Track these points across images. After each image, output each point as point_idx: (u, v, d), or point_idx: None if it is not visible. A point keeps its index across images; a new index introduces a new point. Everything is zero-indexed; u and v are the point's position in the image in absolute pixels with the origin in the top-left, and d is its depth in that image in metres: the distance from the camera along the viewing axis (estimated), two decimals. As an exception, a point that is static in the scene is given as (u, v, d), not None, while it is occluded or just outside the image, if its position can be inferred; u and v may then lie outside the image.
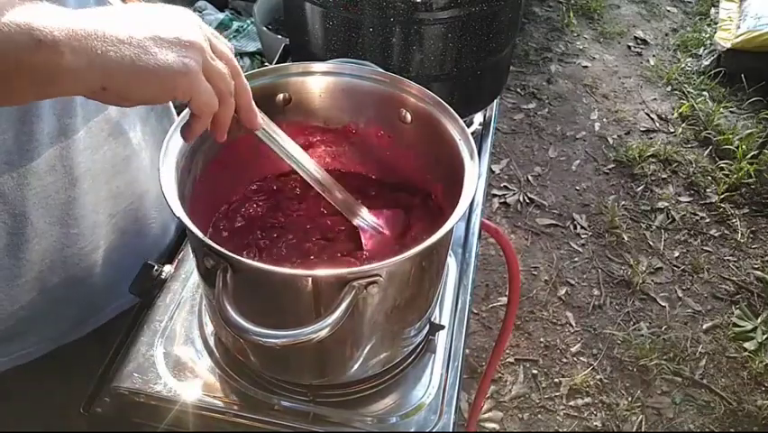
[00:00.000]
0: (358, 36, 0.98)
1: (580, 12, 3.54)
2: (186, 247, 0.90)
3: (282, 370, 0.75)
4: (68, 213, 0.76)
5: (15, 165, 0.68)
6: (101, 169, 0.78)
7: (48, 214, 0.74)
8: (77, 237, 0.78)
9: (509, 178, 2.58)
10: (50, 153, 0.71)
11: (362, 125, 0.82)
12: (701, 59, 3.22)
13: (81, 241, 0.79)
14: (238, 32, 2.76)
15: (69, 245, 0.78)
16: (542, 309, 2.12)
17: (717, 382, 1.95)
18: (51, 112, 0.69)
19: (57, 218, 0.75)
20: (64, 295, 0.81)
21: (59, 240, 0.76)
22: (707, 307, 2.16)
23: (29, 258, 0.74)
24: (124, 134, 0.81)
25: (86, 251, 0.80)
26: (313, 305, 0.61)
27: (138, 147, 0.83)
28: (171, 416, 0.74)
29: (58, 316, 0.83)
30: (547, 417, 1.85)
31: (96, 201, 0.79)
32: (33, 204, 0.72)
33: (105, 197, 0.81)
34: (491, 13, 0.98)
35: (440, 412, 0.74)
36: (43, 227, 0.74)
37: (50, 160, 0.71)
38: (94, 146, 0.76)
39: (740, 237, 2.38)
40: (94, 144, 0.76)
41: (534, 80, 3.07)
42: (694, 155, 2.71)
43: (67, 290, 0.81)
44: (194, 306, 0.83)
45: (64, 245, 0.77)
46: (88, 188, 0.77)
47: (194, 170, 0.72)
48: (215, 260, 0.59)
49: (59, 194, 0.74)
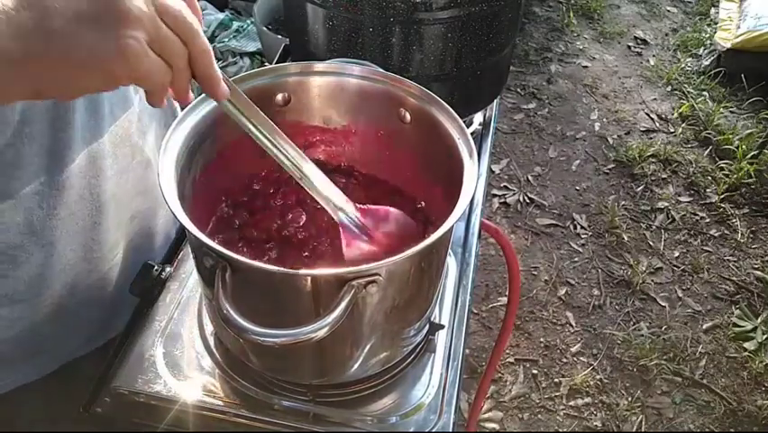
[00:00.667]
0: (358, 36, 0.98)
1: (580, 12, 3.54)
2: (186, 247, 0.90)
3: (282, 370, 0.75)
4: (93, 238, 0.75)
5: (46, 196, 0.67)
6: (125, 192, 0.79)
7: (74, 241, 0.73)
8: (99, 260, 0.78)
9: (509, 178, 2.58)
10: (80, 183, 0.70)
11: (362, 125, 0.82)
12: (701, 59, 3.22)
13: (101, 263, 0.79)
14: (238, 32, 2.76)
15: (91, 269, 0.78)
16: (542, 309, 2.12)
17: (717, 382, 1.95)
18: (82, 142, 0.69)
19: (81, 244, 0.75)
20: (79, 315, 0.81)
21: (81, 264, 0.76)
22: (707, 307, 2.16)
23: (50, 285, 0.74)
24: (143, 153, 0.81)
25: (104, 271, 0.80)
26: (312, 304, 0.61)
27: (154, 163, 0.84)
28: (171, 416, 0.74)
29: (71, 335, 0.82)
30: (547, 417, 1.85)
31: (119, 223, 0.80)
32: (61, 233, 0.71)
33: (126, 218, 0.81)
34: (491, 13, 0.98)
35: (440, 412, 0.74)
36: (69, 255, 0.73)
37: (80, 190, 0.71)
38: (120, 171, 0.76)
39: (740, 237, 2.38)
40: (120, 169, 0.76)
41: (534, 80, 3.07)
42: (694, 155, 2.71)
43: (83, 309, 0.80)
44: (194, 306, 0.83)
45: (85, 269, 0.77)
46: (113, 212, 0.77)
47: (193, 169, 0.72)
48: (215, 259, 0.59)
49: (86, 221, 0.73)
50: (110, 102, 0.73)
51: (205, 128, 0.72)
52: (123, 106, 0.77)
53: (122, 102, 0.77)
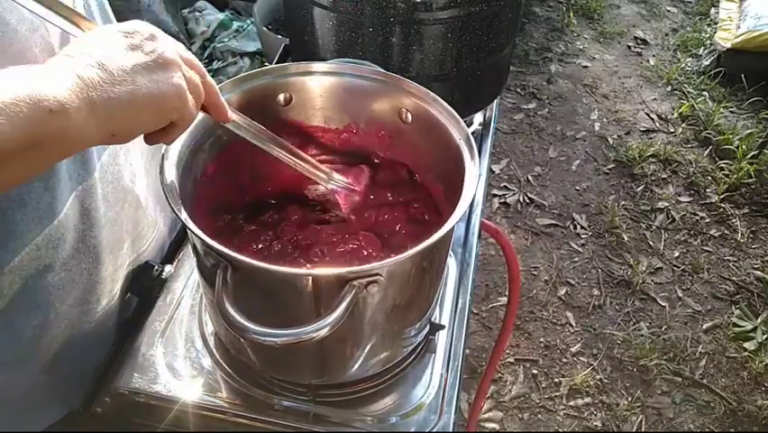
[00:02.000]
0: (358, 36, 0.98)
1: (580, 12, 3.54)
2: (186, 247, 0.90)
3: (282, 370, 0.75)
4: (90, 291, 0.74)
5: (42, 259, 0.66)
6: (118, 239, 0.77)
7: (70, 297, 0.71)
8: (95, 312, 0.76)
9: (509, 178, 2.58)
10: (73, 237, 0.68)
11: (363, 125, 0.82)
12: (701, 59, 3.22)
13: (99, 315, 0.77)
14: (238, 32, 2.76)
15: (89, 321, 0.76)
16: (542, 309, 2.12)
17: (717, 382, 1.95)
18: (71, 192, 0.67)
19: (78, 299, 0.73)
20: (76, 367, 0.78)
21: (78, 318, 0.74)
22: (707, 307, 2.16)
23: (47, 342, 0.71)
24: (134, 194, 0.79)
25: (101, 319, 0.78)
26: (313, 304, 0.61)
27: (145, 203, 0.82)
28: (171, 416, 0.74)
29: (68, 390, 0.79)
30: (547, 417, 1.85)
31: (115, 270, 0.78)
32: (58, 290, 0.69)
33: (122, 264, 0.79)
34: (491, 13, 0.98)
35: (440, 412, 0.74)
36: (65, 310, 0.71)
37: (74, 243, 0.69)
38: (113, 220, 0.74)
39: (740, 237, 2.38)
40: (113, 218, 0.74)
41: (534, 80, 3.07)
42: (694, 155, 2.71)
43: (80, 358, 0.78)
44: (194, 306, 0.83)
45: (83, 321, 0.75)
46: (108, 261, 0.75)
47: (195, 169, 0.72)
48: (215, 259, 0.59)
49: (83, 276, 0.72)
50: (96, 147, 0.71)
51: (206, 128, 0.72)
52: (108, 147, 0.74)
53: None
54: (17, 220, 0.62)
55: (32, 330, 0.68)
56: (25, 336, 0.68)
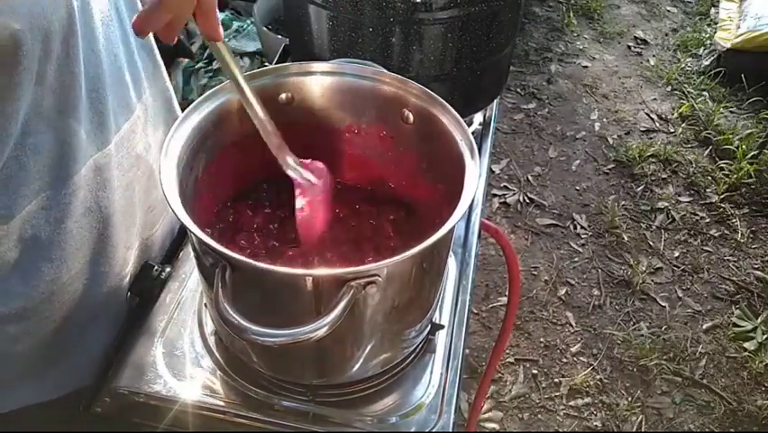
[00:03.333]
0: (358, 36, 0.98)
1: (580, 12, 3.54)
2: (186, 247, 0.90)
3: (282, 370, 0.75)
4: (101, 253, 0.75)
5: (53, 210, 0.67)
6: (131, 205, 0.78)
7: (82, 255, 0.73)
8: (107, 275, 0.77)
9: (509, 178, 2.58)
10: (85, 196, 0.70)
11: (364, 126, 0.82)
12: (701, 59, 3.22)
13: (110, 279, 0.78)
14: (238, 32, 2.76)
15: (100, 287, 0.77)
16: (542, 309, 2.12)
17: (717, 382, 1.95)
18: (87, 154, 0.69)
19: (90, 260, 0.74)
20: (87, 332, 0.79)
21: (91, 280, 0.75)
22: (707, 307, 2.16)
23: (62, 299, 0.73)
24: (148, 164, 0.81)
25: (113, 289, 0.79)
26: (311, 304, 0.61)
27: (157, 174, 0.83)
28: (171, 416, 0.74)
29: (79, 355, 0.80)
30: (547, 417, 1.85)
31: (127, 239, 0.79)
32: (70, 246, 0.70)
33: (135, 234, 0.80)
34: (491, 13, 0.98)
35: (440, 412, 0.74)
36: (78, 269, 0.73)
37: (86, 202, 0.70)
38: (125, 185, 0.76)
39: (740, 237, 2.38)
40: (126, 183, 0.76)
41: (534, 80, 3.07)
42: (694, 155, 2.71)
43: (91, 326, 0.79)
44: (194, 306, 0.83)
45: (95, 286, 0.76)
46: (120, 226, 0.77)
47: (195, 168, 0.72)
48: (215, 258, 0.59)
49: (93, 234, 0.73)
50: (113, 110, 0.73)
51: (207, 127, 0.72)
52: (125, 114, 0.76)
53: (125, 110, 0.76)
54: (30, 167, 0.63)
55: (45, 285, 0.70)
56: (38, 291, 0.69)
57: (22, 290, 0.68)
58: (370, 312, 0.64)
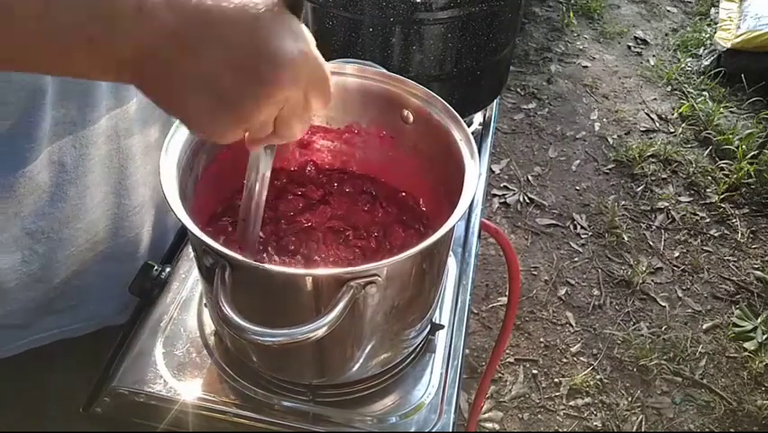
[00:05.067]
0: (358, 36, 0.98)
1: (580, 12, 3.54)
2: (185, 247, 0.90)
3: (282, 369, 0.75)
4: (121, 183, 0.79)
5: (78, 135, 0.71)
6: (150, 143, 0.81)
7: (104, 183, 0.76)
8: (128, 209, 0.81)
9: (509, 178, 2.58)
10: (106, 123, 0.73)
11: (365, 126, 0.82)
12: (701, 59, 3.22)
13: (131, 216, 0.82)
14: (238, 31, 2.76)
15: (122, 216, 0.80)
16: (542, 309, 2.12)
17: (717, 382, 1.95)
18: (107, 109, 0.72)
19: (112, 187, 0.78)
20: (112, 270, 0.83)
21: (112, 210, 0.79)
22: (707, 307, 2.16)
23: (85, 227, 0.76)
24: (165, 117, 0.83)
25: (135, 225, 0.83)
26: (311, 305, 0.61)
27: None
28: (171, 416, 0.74)
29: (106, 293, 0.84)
30: (547, 417, 1.85)
31: (146, 175, 0.82)
32: (93, 173, 0.74)
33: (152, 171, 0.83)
34: (491, 13, 0.98)
35: (440, 412, 0.74)
36: (100, 196, 0.76)
37: (107, 129, 0.74)
38: (144, 119, 0.79)
39: (740, 237, 2.38)
40: (144, 117, 0.79)
41: (534, 80, 3.07)
42: (694, 155, 2.71)
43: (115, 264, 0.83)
44: (194, 306, 0.83)
45: (117, 216, 0.80)
46: (140, 161, 0.80)
47: (195, 168, 0.72)
48: (214, 258, 0.59)
49: (114, 162, 0.77)
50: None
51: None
52: None
53: None
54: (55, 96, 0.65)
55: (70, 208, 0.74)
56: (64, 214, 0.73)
57: (49, 210, 0.72)
58: (369, 312, 0.64)
